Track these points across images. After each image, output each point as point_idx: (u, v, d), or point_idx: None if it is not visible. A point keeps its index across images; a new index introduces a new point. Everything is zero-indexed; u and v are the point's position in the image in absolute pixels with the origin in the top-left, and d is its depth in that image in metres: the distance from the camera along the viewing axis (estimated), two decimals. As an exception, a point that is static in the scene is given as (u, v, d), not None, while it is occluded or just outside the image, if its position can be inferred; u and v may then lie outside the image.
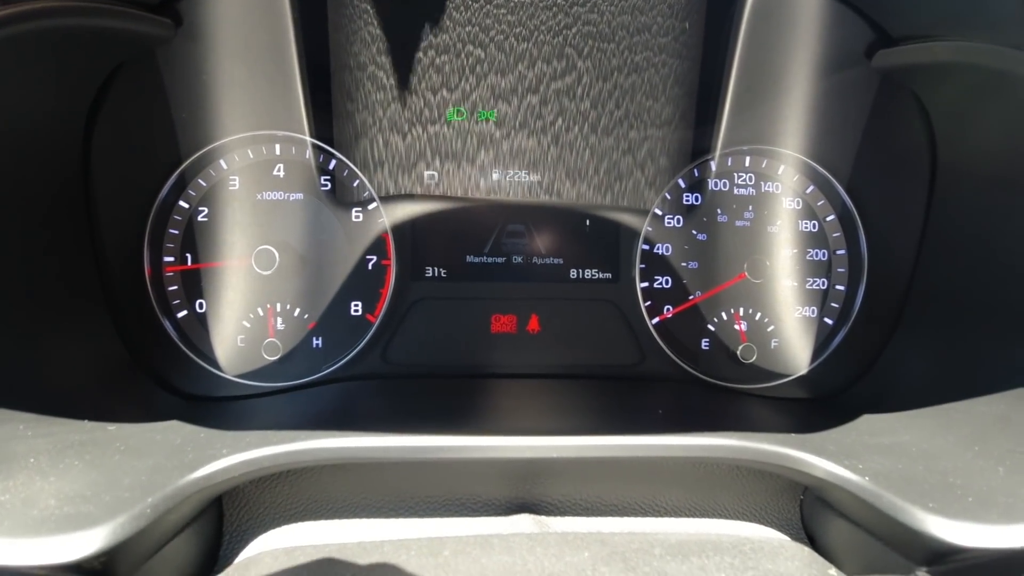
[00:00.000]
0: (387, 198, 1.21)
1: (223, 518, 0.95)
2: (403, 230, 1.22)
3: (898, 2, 1.00)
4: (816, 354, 1.25)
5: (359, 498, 0.95)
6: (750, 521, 1.00)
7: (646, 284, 1.25)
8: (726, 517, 1.00)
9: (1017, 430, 0.90)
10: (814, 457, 0.88)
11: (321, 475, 0.94)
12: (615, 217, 1.25)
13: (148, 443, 0.92)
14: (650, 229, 1.24)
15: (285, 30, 1.09)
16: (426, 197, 1.22)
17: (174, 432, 0.96)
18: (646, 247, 1.25)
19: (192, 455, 0.85)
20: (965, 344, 1.06)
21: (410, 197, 1.22)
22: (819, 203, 1.25)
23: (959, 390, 1.01)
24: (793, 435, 0.96)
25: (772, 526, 0.99)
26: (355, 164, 1.20)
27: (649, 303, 1.25)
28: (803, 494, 0.99)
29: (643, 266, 1.25)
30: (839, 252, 1.25)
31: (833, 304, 1.26)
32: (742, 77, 1.17)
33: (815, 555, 0.85)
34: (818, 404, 1.21)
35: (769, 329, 1.25)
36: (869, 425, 1.05)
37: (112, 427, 0.95)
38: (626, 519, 0.98)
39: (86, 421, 0.95)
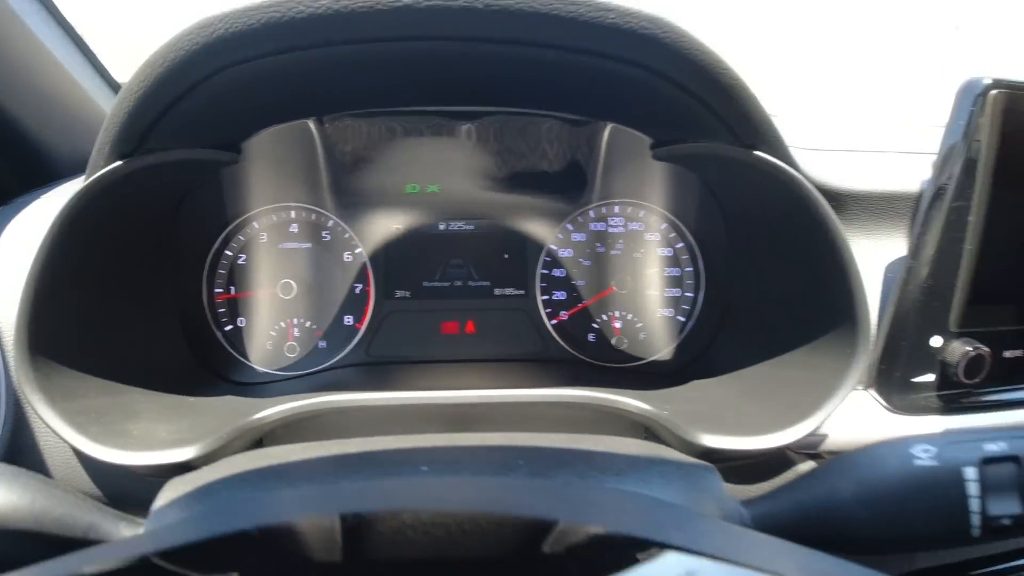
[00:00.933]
0: (368, 245, 1.62)
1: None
2: (379, 265, 1.57)
3: (645, 124, 1.24)
4: (671, 342, 1.63)
5: (352, 433, 1.19)
6: None
7: (546, 297, 1.55)
8: None
9: (774, 384, 1.15)
10: (637, 402, 1.11)
11: (328, 422, 1.16)
12: (525, 253, 1.65)
13: (217, 406, 1.18)
14: (548, 259, 1.62)
15: (313, 147, 1.41)
16: (395, 243, 1.62)
17: (232, 401, 1.23)
18: (545, 271, 1.63)
19: (248, 409, 1.08)
20: (760, 334, 1.28)
21: (384, 243, 1.61)
22: (671, 235, 1.62)
23: (752, 362, 1.24)
24: (637, 391, 1.16)
25: None
26: (345, 223, 1.62)
27: (549, 310, 1.55)
28: (645, 430, 1.18)
29: (544, 284, 1.60)
30: (688, 269, 1.62)
31: (684, 307, 1.59)
32: (609, 158, 1.57)
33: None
34: (666, 376, 1.45)
35: (637, 326, 1.60)
36: (692, 387, 1.29)
37: (191, 399, 1.20)
38: None
39: (175, 395, 1.18)
